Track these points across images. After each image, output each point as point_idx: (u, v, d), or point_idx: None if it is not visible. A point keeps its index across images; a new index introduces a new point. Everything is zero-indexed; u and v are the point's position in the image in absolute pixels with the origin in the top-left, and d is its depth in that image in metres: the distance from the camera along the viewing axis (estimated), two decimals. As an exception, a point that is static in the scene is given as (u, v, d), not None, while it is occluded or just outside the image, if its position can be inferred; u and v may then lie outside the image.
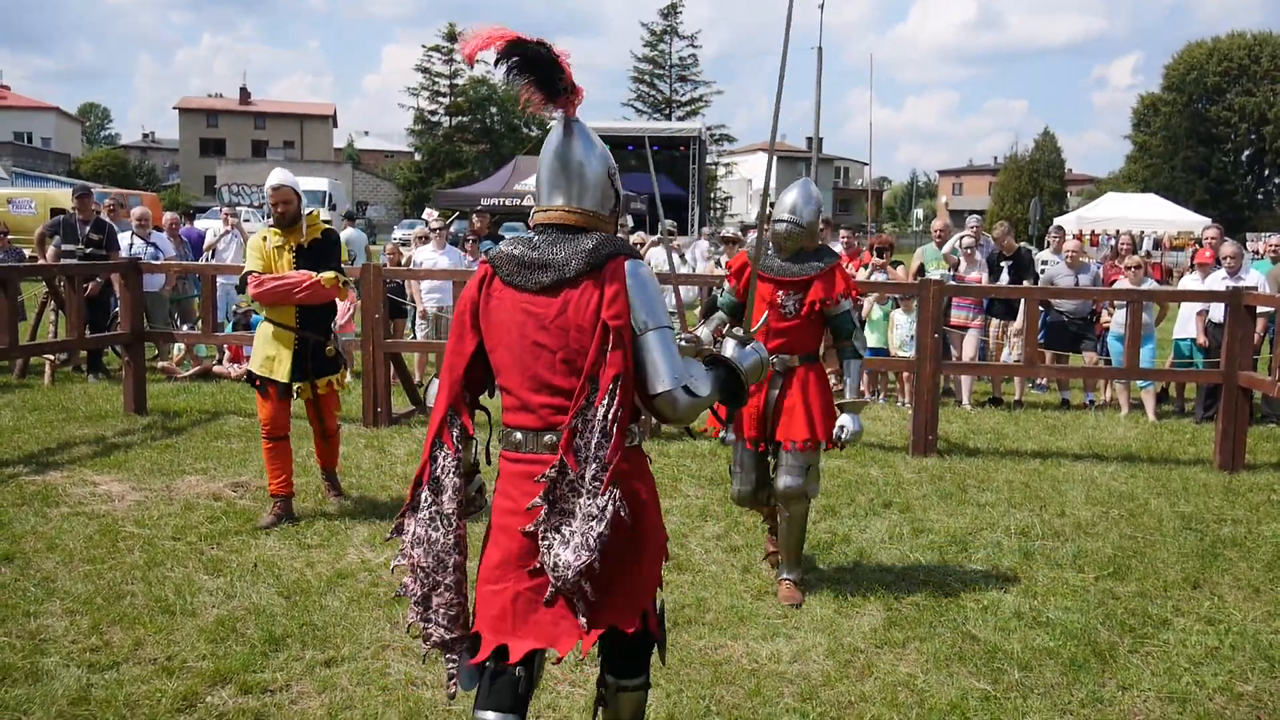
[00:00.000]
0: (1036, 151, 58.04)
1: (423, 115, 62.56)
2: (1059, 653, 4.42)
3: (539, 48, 2.83)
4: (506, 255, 2.93)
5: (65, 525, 5.79)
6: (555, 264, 2.85)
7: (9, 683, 3.91)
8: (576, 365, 2.81)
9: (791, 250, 4.98)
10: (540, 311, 2.84)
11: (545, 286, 2.85)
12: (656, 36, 61.88)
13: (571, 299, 2.82)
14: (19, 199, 27.98)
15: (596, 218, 2.97)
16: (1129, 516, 6.54)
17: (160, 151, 78.61)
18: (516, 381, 2.88)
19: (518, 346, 2.86)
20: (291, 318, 5.97)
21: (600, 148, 3.02)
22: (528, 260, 2.88)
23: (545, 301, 2.84)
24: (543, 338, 2.83)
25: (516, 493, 2.86)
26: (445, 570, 2.88)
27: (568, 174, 2.94)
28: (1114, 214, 27.27)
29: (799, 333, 4.99)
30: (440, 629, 2.91)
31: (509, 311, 2.88)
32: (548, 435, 2.83)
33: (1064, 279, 10.60)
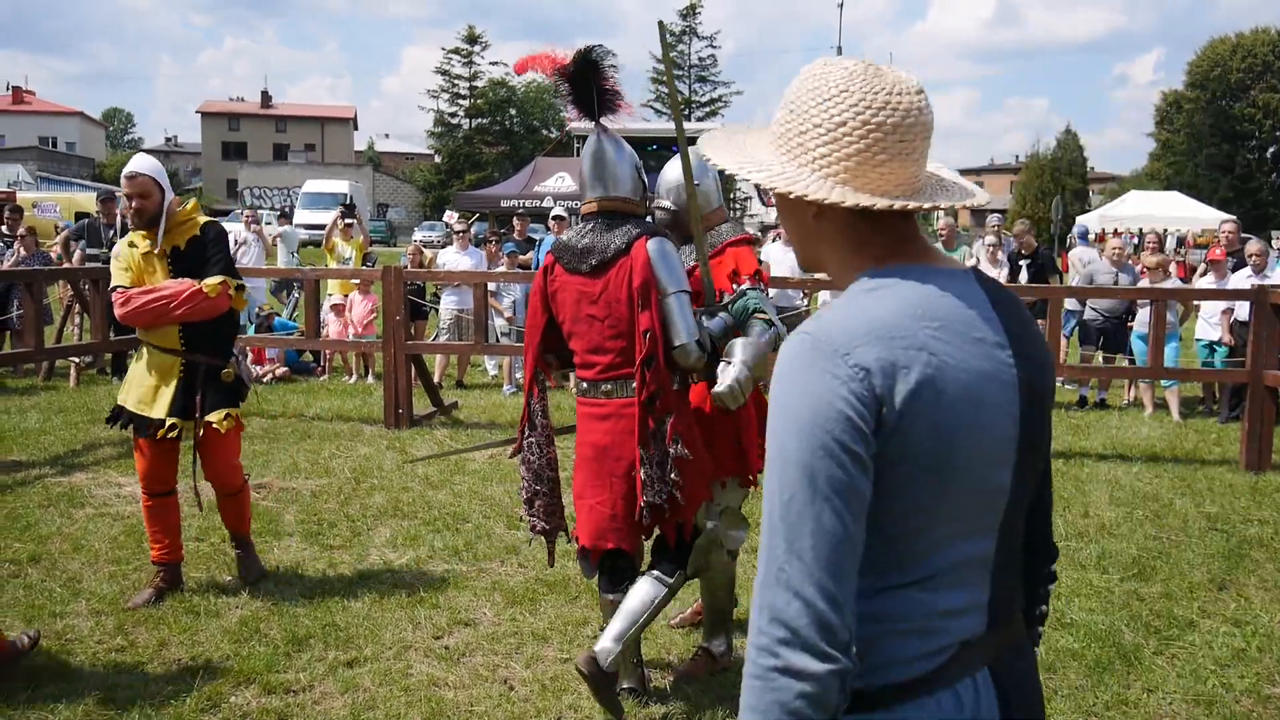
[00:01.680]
0: (1058, 150, 57.66)
1: (443, 117, 62.81)
2: (1083, 654, 4.39)
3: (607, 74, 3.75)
4: (563, 245, 3.75)
5: (90, 526, 5.84)
6: (598, 249, 3.64)
7: (37, 682, 3.95)
8: (621, 330, 3.61)
9: (676, 239, 3.93)
10: (589, 290, 3.65)
11: (593, 268, 3.64)
12: (675, 37, 61.89)
13: (611, 278, 3.61)
14: (44, 203, 28.29)
15: (629, 203, 3.76)
16: (1154, 517, 6.49)
17: (183, 155, 79.23)
18: (580, 346, 3.74)
19: (577, 319, 3.70)
20: (174, 339, 4.70)
21: (627, 150, 3.79)
22: (578, 248, 3.69)
23: (593, 281, 3.64)
24: (593, 310, 3.65)
25: (584, 428, 3.78)
26: (542, 481, 3.89)
27: (606, 170, 3.72)
28: (1137, 212, 27.05)
29: None
30: (540, 520, 3.92)
31: (569, 292, 3.70)
32: (604, 385, 3.69)
33: (1104, 276, 10.54)
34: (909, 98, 1.43)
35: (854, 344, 1.33)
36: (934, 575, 1.40)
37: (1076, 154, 58.53)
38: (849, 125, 1.41)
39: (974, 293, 1.44)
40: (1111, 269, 10.59)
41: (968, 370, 1.36)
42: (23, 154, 49.64)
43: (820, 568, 1.27)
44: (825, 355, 1.32)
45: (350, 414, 9.51)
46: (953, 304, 1.40)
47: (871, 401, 1.31)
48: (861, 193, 1.42)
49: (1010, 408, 1.41)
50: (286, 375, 11.62)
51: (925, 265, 1.45)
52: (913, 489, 1.35)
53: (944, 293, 1.40)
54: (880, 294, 1.40)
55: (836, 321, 1.37)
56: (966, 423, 1.36)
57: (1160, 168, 56.74)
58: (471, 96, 62.48)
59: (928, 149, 1.47)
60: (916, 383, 1.32)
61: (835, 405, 1.30)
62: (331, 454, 7.85)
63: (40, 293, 8.41)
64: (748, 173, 1.48)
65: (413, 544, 5.71)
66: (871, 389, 1.31)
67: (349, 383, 11.38)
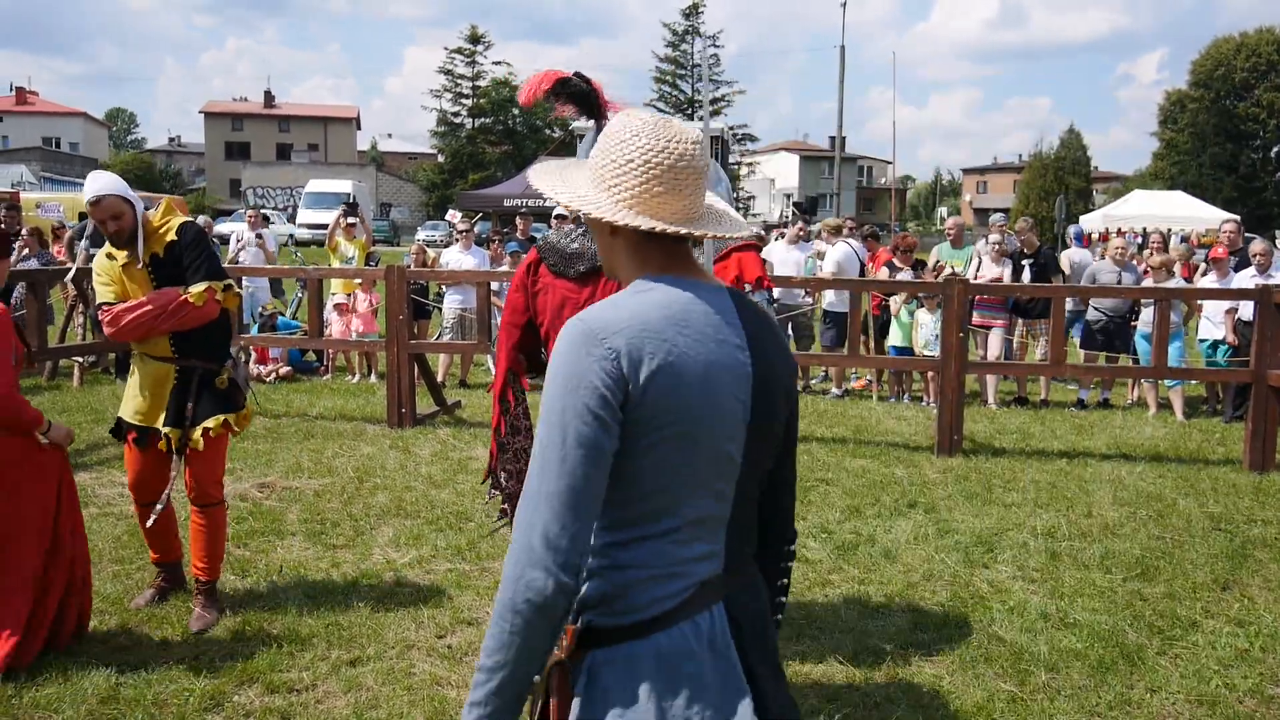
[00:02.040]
0: (1061, 149, 57.65)
1: (445, 117, 62.88)
2: (1086, 654, 4.39)
3: (578, 82, 3.45)
4: (551, 246, 3.59)
5: (94, 526, 5.84)
6: (588, 255, 3.49)
7: (40, 681, 3.95)
8: None
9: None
10: (575, 296, 3.49)
11: (581, 274, 3.50)
12: (678, 36, 61.93)
13: (599, 285, 3.45)
14: (47, 203, 28.31)
15: None
16: (1157, 517, 6.48)
17: (186, 155, 79.36)
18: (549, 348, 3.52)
19: (559, 324, 3.43)
20: (166, 347, 4.55)
21: None
22: (567, 251, 3.55)
23: (579, 288, 3.50)
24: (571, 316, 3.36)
25: None
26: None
27: None
28: (1141, 212, 27.02)
29: None
30: None
31: (554, 295, 3.54)
32: None
33: (1107, 275, 10.53)
34: (684, 145, 1.79)
35: (611, 332, 1.68)
36: (679, 529, 1.75)
37: (1080, 153, 58.52)
38: (635, 163, 1.78)
39: (724, 303, 1.80)
40: (1114, 268, 10.57)
41: (705, 362, 1.71)
42: (26, 155, 49.68)
43: (562, 504, 1.63)
44: (589, 339, 1.68)
45: (353, 413, 9.51)
46: (702, 310, 1.75)
47: (619, 378, 1.66)
48: (642, 217, 1.77)
49: (742, 395, 1.76)
50: (290, 374, 11.63)
51: (689, 279, 1.80)
52: (657, 454, 1.70)
53: (696, 301, 1.76)
54: (644, 296, 1.75)
55: (603, 314, 1.72)
56: (701, 403, 1.70)
57: (1164, 167, 56.72)
58: (474, 96, 62.55)
59: (701, 186, 1.82)
60: (657, 367, 1.67)
61: (588, 378, 1.65)
62: (335, 453, 7.86)
63: (43, 292, 8.42)
64: (564, 197, 1.85)
65: (416, 543, 5.71)
66: (620, 368, 1.66)
67: (352, 382, 11.39)
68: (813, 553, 5.67)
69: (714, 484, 1.78)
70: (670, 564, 1.75)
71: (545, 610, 1.64)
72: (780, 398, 1.85)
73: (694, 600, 1.76)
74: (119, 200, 4.42)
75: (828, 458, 7.92)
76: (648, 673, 1.72)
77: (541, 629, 1.65)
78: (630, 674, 1.73)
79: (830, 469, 7.58)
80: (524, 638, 1.65)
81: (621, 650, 1.74)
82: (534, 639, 1.66)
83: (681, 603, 1.75)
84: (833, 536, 5.95)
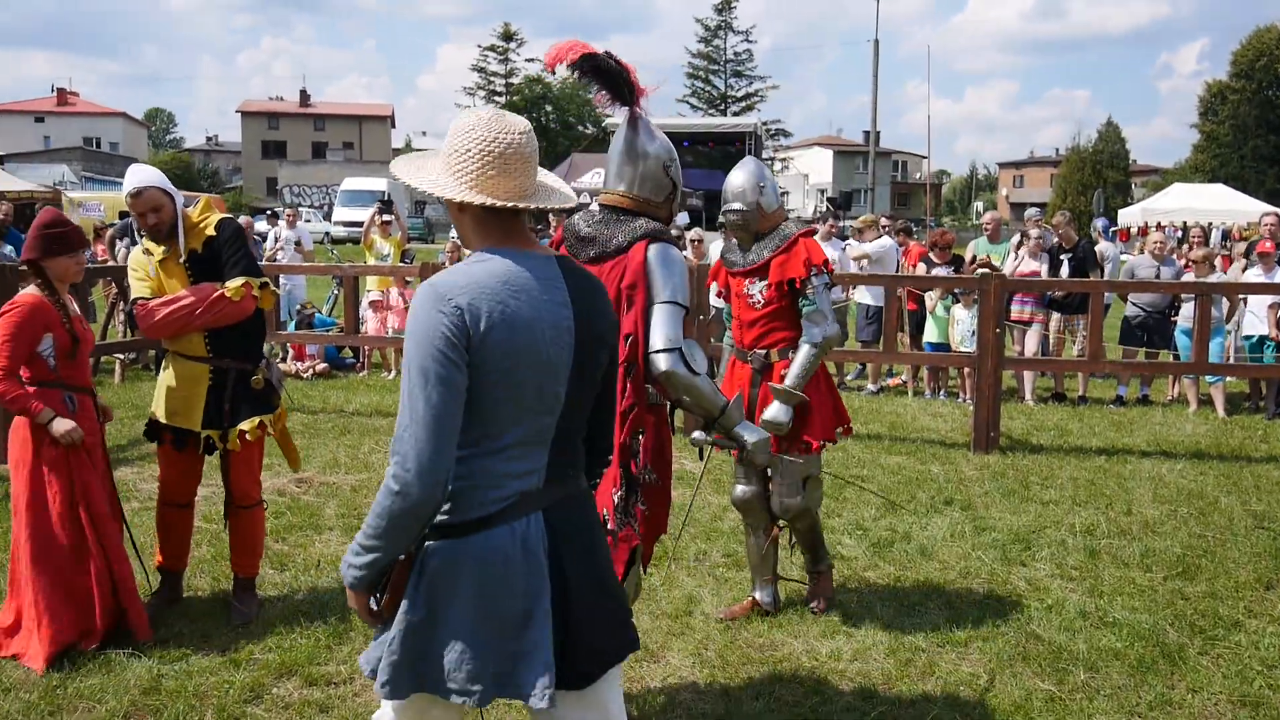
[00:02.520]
0: (1099, 142, 56.95)
1: (479, 114, 62.98)
2: (1126, 654, 4.34)
3: (608, 59, 3.34)
4: (572, 229, 3.57)
5: (135, 520, 5.91)
6: (600, 240, 3.47)
7: (83, 673, 4.01)
8: None
9: (747, 238, 4.60)
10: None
11: (590, 259, 3.45)
12: (711, 32, 61.77)
13: (605, 271, 3.40)
14: (88, 202, 28.71)
15: (649, 203, 3.56)
16: (1198, 515, 6.40)
17: (223, 154, 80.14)
18: None
19: None
20: (200, 346, 4.48)
21: (660, 141, 3.56)
22: (583, 235, 3.52)
23: (598, 270, 3.36)
24: None
25: None
26: None
27: (630, 164, 3.54)
28: (1180, 205, 26.68)
29: (771, 323, 4.54)
30: None
31: None
32: None
33: (1145, 270, 10.40)
34: (512, 135, 2.21)
35: (455, 292, 2.11)
36: (505, 449, 2.19)
37: (1118, 146, 57.80)
38: (472, 151, 2.20)
39: (550, 270, 2.24)
40: (1153, 263, 10.44)
41: (531, 317, 2.15)
42: (68, 154, 50.40)
43: (426, 428, 2.07)
44: (437, 297, 2.11)
45: (389, 409, 9.57)
46: (531, 275, 2.19)
47: (462, 328, 2.09)
48: (479, 195, 2.19)
49: (565, 345, 2.20)
50: (326, 371, 11.72)
51: (522, 250, 2.23)
52: (493, 390, 2.14)
53: (525, 268, 2.19)
54: (483, 264, 2.18)
55: (450, 278, 2.15)
56: (528, 350, 2.14)
57: (1205, 159, 55.90)
58: (507, 93, 62.61)
59: (529, 169, 2.24)
60: (491, 320, 2.10)
61: (438, 329, 2.08)
62: (371, 449, 7.92)
63: (85, 290, 8.53)
64: (418, 182, 2.27)
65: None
66: (462, 321, 2.09)
67: (388, 378, 11.46)
68: (848, 549, 5.64)
69: (539, 415, 2.22)
70: (495, 477, 2.19)
71: (417, 514, 2.10)
72: (600, 347, 2.32)
73: (513, 508, 2.19)
74: (159, 193, 4.40)
75: (863, 454, 7.88)
76: (466, 563, 2.17)
77: (412, 527, 2.13)
78: (453, 562, 2.18)
79: (865, 466, 7.54)
80: (397, 533, 2.13)
81: (449, 544, 2.19)
82: (405, 534, 2.13)
83: (501, 509, 2.18)
84: (868, 534, 5.93)
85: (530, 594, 2.18)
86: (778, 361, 4.55)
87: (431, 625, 2.18)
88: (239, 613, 4.60)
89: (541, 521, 2.21)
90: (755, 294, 4.56)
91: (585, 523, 2.33)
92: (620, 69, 3.37)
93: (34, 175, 35.70)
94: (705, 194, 29.15)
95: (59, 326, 4.19)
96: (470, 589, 2.16)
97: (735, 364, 4.73)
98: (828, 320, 4.45)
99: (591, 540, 2.32)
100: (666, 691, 3.98)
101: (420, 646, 2.19)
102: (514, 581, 2.17)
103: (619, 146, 3.56)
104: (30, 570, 4.15)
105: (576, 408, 2.29)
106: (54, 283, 4.26)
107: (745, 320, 4.63)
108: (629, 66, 3.39)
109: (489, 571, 2.16)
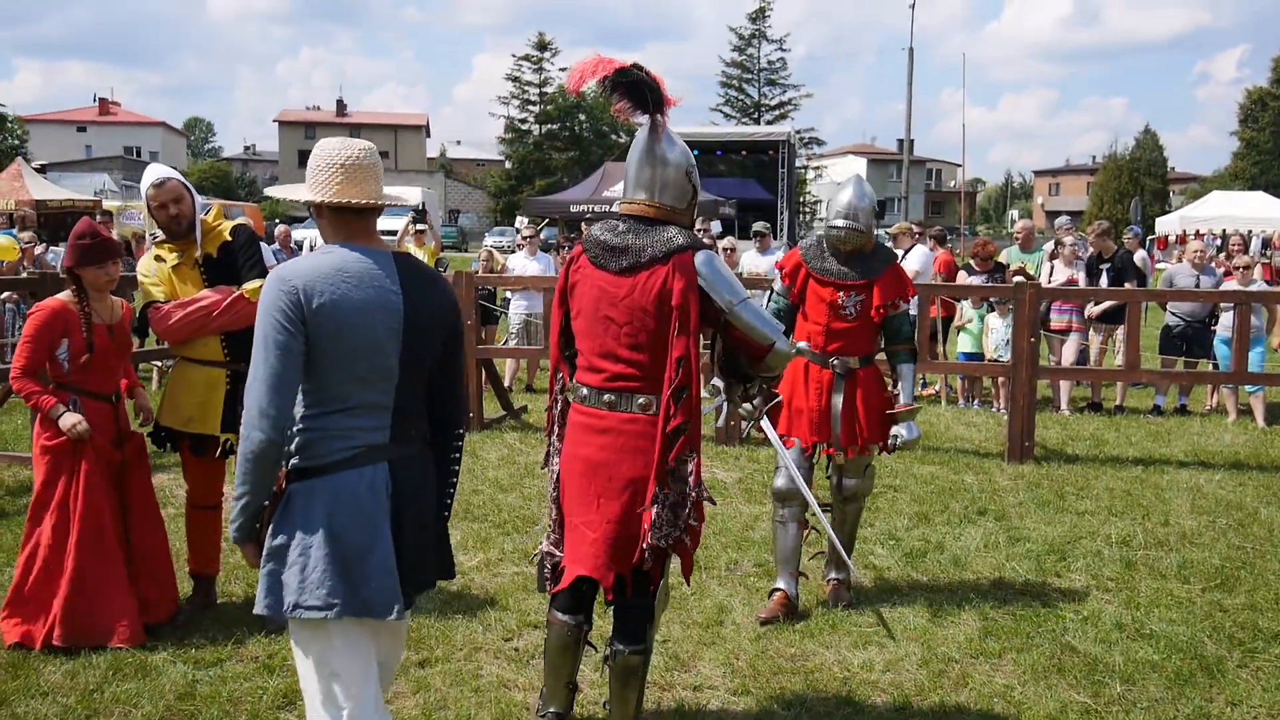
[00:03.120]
0: (1137, 150, 56.36)
1: (513, 124, 63.32)
2: (1163, 666, 4.29)
3: (637, 72, 3.34)
4: (595, 239, 3.48)
5: (172, 526, 5.95)
6: (633, 250, 3.39)
7: (120, 677, 4.06)
8: (641, 343, 3.36)
9: (848, 251, 4.88)
10: (613, 290, 3.39)
11: (623, 269, 3.39)
12: (745, 40, 61.70)
13: (639, 283, 3.36)
14: (129, 211, 29.10)
15: (673, 211, 3.50)
16: (1237, 526, 6.31)
17: (260, 163, 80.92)
18: (587, 347, 3.46)
19: (591, 317, 3.43)
20: (217, 350, 4.53)
21: (680, 148, 3.53)
22: (611, 245, 3.43)
23: (619, 281, 3.38)
24: (612, 313, 3.39)
25: (576, 439, 3.46)
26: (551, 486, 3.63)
27: (651, 172, 3.47)
28: (1219, 213, 26.36)
29: (858, 335, 4.88)
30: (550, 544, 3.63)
31: (590, 287, 3.44)
32: (607, 395, 3.40)
33: (1185, 279, 10.28)
34: (354, 152, 2.74)
35: (294, 275, 2.59)
36: (352, 408, 2.65)
37: (1156, 154, 57.18)
38: (323, 166, 2.74)
39: (386, 263, 2.70)
40: (1193, 272, 10.32)
41: (361, 300, 2.61)
42: (108, 163, 51.03)
43: (265, 384, 2.54)
44: (279, 279, 2.60)
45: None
46: (366, 265, 2.66)
47: (297, 304, 2.56)
48: (320, 196, 2.72)
49: (394, 324, 2.66)
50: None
51: (362, 246, 2.72)
52: (327, 358, 2.61)
53: (362, 259, 2.67)
54: (325, 255, 2.67)
55: (293, 265, 2.64)
56: (357, 327, 2.60)
57: (1244, 167, 55.20)
58: (541, 103, 62.89)
59: (370, 179, 2.75)
60: (322, 300, 2.57)
61: (278, 304, 2.56)
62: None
63: (124, 297, 8.61)
64: (293, 194, 2.86)
65: (483, 547, 5.77)
66: (298, 299, 2.56)
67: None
68: (880, 559, 5.61)
69: (374, 383, 2.67)
70: (344, 430, 2.65)
71: (263, 457, 2.56)
72: (430, 332, 2.77)
73: (360, 457, 2.65)
74: (180, 186, 4.51)
75: (895, 464, 7.83)
76: (321, 499, 2.62)
77: (264, 468, 2.58)
78: (310, 498, 2.62)
79: (898, 475, 7.50)
80: (254, 475, 2.59)
81: (307, 484, 2.64)
82: (261, 475, 2.59)
83: (350, 456, 2.64)
84: (901, 544, 5.89)
85: (374, 528, 2.64)
86: (859, 369, 4.90)
87: (292, 551, 2.61)
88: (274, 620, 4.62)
89: (386, 471, 2.68)
90: (850, 307, 4.83)
91: (422, 478, 2.81)
92: (648, 80, 3.36)
93: (75, 184, 36.20)
94: (738, 203, 29.09)
95: (76, 332, 4.35)
96: (323, 520, 2.60)
97: (808, 366, 4.91)
98: (914, 340, 5.07)
99: (425, 492, 2.83)
100: (697, 701, 3.97)
101: (282, 570, 2.62)
102: (361, 517, 2.62)
103: (639, 155, 3.49)
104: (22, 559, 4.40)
105: (411, 380, 2.74)
106: (88, 290, 4.40)
107: (833, 328, 4.86)
108: (658, 78, 3.39)
109: (339, 507, 2.61)
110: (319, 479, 2.62)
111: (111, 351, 4.49)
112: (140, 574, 4.50)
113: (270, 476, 2.61)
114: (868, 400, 4.89)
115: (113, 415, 4.53)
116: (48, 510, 4.35)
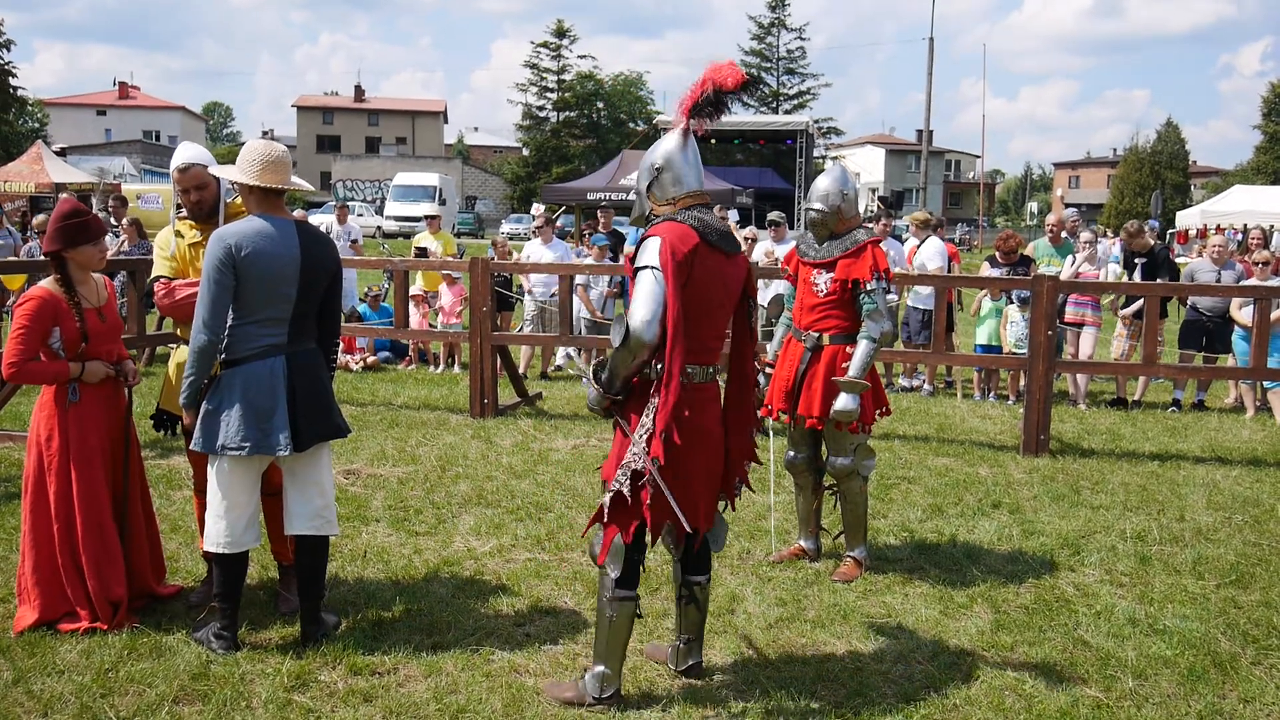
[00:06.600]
0: (1158, 143, 55.98)
1: (530, 110, 63.32)
2: (1176, 662, 4.27)
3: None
4: (712, 226, 3.66)
5: (187, 508, 6.02)
6: (730, 236, 3.74)
7: (135, 657, 4.09)
8: (729, 316, 3.81)
9: (823, 235, 5.25)
10: (731, 272, 3.71)
11: (734, 252, 3.74)
12: (764, 29, 61.49)
13: (744, 264, 3.79)
14: (147, 195, 29.23)
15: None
16: (1254, 523, 6.28)
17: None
18: (708, 332, 3.70)
19: (712, 304, 3.67)
20: None
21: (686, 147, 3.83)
22: (725, 232, 3.71)
23: (733, 264, 3.72)
24: (722, 296, 3.71)
25: (698, 411, 3.67)
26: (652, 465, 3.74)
27: (698, 166, 3.79)
28: (1241, 207, 26.15)
29: (830, 311, 5.18)
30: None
31: (711, 271, 3.63)
32: (713, 369, 3.76)
33: (1206, 274, 10.21)
34: (275, 152, 4.05)
35: (232, 237, 3.89)
36: (260, 321, 3.99)
37: (1178, 147, 56.78)
38: (253, 158, 4.03)
39: (289, 229, 4.02)
40: (1213, 266, 10.24)
41: (272, 253, 3.93)
42: (127, 147, 51.28)
43: (207, 306, 3.88)
44: (220, 238, 3.90)
45: (437, 403, 9.66)
46: (274, 229, 3.98)
47: (230, 257, 3.86)
48: (256, 181, 4.01)
49: (292, 270, 3.98)
50: (376, 364, 11.84)
51: (275, 216, 4.03)
52: (247, 289, 3.93)
53: (273, 225, 3.98)
54: (250, 221, 3.99)
55: (231, 228, 3.95)
56: (268, 269, 3.92)
57: (1267, 161, 54.73)
58: (559, 90, 62.88)
59: (285, 169, 4.07)
60: (246, 251, 3.87)
61: (219, 255, 3.86)
62: (418, 442, 7.99)
63: (143, 281, 8.66)
64: (224, 173, 4.29)
65: (496, 532, 5.79)
66: (230, 253, 3.86)
67: (436, 372, 11.56)
68: (893, 551, 5.60)
69: (278, 305, 3.98)
70: (255, 335, 3.99)
71: (205, 352, 3.92)
72: (320, 273, 4.10)
73: (266, 351, 4.01)
74: (205, 171, 4.54)
75: (910, 456, 7.82)
76: (239, 380, 3.98)
77: (205, 359, 3.94)
78: (232, 380, 3.99)
79: (912, 467, 7.48)
80: (199, 364, 3.95)
81: (232, 370, 4.00)
82: (203, 364, 3.95)
83: (259, 351, 4.00)
84: (914, 535, 5.88)
85: (274, 397, 3.98)
86: (828, 345, 5.18)
87: (220, 412, 3.96)
88: (287, 601, 4.65)
89: (284, 360, 4.03)
90: (820, 284, 5.20)
91: (312, 365, 4.15)
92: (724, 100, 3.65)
93: (95, 167, 36.42)
94: (756, 192, 28.99)
95: (68, 319, 4.30)
96: (240, 393, 3.96)
97: (791, 341, 5.37)
98: (884, 319, 5.07)
99: (314, 372, 4.14)
100: (708, 689, 3.98)
101: (214, 424, 3.96)
102: (265, 389, 3.97)
103: (695, 153, 3.77)
104: (28, 544, 4.36)
105: (304, 304, 4.07)
106: (74, 273, 4.35)
107: (807, 305, 5.28)
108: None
109: (250, 383, 3.97)
110: (239, 366, 3.98)
111: (105, 335, 4.46)
112: (129, 550, 4.51)
113: (209, 364, 3.96)
114: (826, 375, 5.15)
115: (111, 397, 4.50)
116: (50, 494, 4.32)
